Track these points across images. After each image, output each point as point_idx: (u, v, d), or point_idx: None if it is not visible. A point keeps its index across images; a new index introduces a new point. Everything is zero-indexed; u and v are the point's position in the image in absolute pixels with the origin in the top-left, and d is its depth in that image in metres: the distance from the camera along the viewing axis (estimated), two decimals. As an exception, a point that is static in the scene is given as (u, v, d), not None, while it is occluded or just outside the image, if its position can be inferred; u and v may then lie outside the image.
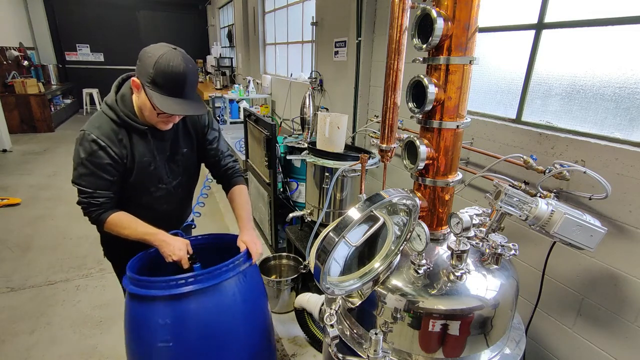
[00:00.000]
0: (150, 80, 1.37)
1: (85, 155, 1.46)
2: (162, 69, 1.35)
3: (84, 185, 1.49)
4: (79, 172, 1.49)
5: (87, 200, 1.51)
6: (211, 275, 1.46)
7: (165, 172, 1.66)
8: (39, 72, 9.95)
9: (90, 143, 1.45)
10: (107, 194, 1.53)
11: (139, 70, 1.40)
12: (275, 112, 6.70)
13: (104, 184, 1.51)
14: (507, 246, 1.25)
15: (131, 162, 1.55)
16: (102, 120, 1.50)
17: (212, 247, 1.83)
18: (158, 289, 1.41)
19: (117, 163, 1.51)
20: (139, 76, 1.41)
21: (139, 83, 1.42)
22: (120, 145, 1.51)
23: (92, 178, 1.49)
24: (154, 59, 1.35)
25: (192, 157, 1.76)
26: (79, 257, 3.54)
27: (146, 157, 1.58)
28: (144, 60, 1.38)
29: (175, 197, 1.77)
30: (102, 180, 1.50)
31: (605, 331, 1.70)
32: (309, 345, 2.54)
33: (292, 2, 5.92)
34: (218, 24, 11.99)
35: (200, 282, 1.43)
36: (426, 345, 1.23)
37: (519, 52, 2.09)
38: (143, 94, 1.42)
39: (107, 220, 1.53)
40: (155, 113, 1.45)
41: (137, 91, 1.46)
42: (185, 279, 1.42)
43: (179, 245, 1.55)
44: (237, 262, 1.55)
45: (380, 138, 1.35)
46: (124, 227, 1.55)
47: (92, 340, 2.55)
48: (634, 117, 1.62)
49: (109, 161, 1.48)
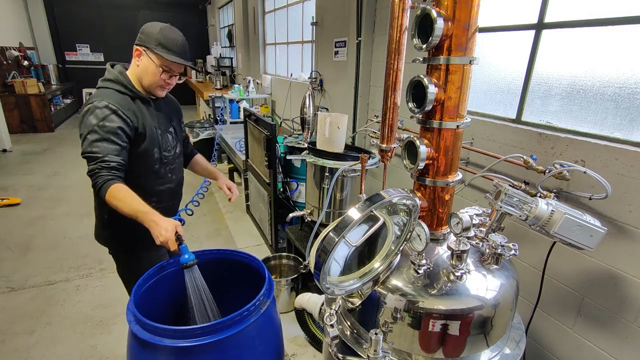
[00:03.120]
0: (157, 43, 1.58)
1: (97, 121, 1.49)
2: (166, 34, 1.60)
3: (96, 152, 1.47)
4: (89, 140, 1.48)
5: (97, 165, 1.46)
6: (232, 322, 1.27)
7: (166, 140, 1.79)
8: (39, 72, 9.94)
9: (102, 109, 1.51)
10: (118, 160, 1.51)
11: (143, 40, 1.59)
12: (275, 112, 6.70)
13: (115, 149, 1.51)
14: (507, 246, 1.25)
15: (142, 128, 1.63)
16: (107, 93, 1.57)
17: (221, 263, 1.76)
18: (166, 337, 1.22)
19: (128, 127, 1.56)
20: (143, 43, 1.59)
21: (142, 50, 1.60)
22: (129, 110, 1.59)
23: (104, 143, 1.49)
24: (157, 27, 1.60)
25: (179, 130, 1.94)
26: (79, 257, 3.54)
27: (154, 123, 1.70)
28: (149, 30, 1.60)
29: (177, 166, 1.90)
30: (114, 145, 1.51)
31: (605, 331, 1.70)
32: (309, 345, 2.54)
33: (292, 2, 5.91)
34: (218, 24, 11.98)
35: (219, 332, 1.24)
36: (426, 345, 1.23)
37: (519, 52, 2.09)
38: (145, 59, 1.61)
39: (111, 187, 1.46)
40: (159, 74, 1.62)
41: (137, 59, 1.62)
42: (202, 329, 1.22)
43: (166, 226, 1.45)
44: (258, 302, 1.37)
45: (380, 138, 1.35)
46: (120, 199, 1.47)
47: (92, 340, 2.55)
48: (634, 117, 1.62)
49: (121, 125, 1.53)
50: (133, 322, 1.28)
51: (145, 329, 1.25)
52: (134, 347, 1.30)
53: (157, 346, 1.21)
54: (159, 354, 1.24)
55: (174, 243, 1.47)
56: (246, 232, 4.15)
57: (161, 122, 1.77)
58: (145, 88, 1.68)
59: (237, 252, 1.76)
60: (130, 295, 1.40)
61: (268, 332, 1.46)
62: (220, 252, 1.76)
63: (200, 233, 4.11)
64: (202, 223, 4.36)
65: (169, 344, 1.21)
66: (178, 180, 1.93)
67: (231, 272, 1.78)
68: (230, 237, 4.05)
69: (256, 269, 1.66)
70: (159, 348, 1.22)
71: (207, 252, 1.73)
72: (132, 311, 1.31)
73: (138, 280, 1.50)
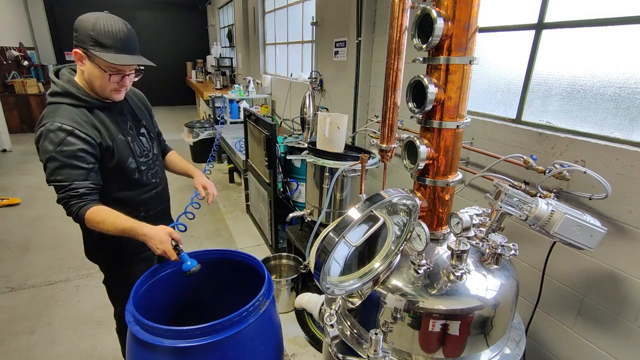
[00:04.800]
0: (93, 43, 1.34)
1: (54, 147, 1.33)
2: (101, 28, 1.34)
3: (60, 180, 1.35)
4: (50, 168, 1.35)
5: (65, 194, 1.36)
6: (232, 322, 1.27)
7: (140, 145, 1.64)
8: (39, 72, 9.93)
9: (56, 132, 1.33)
10: (86, 184, 1.38)
11: (79, 39, 1.36)
12: (275, 112, 6.70)
13: (80, 174, 1.37)
14: (507, 246, 1.25)
15: (109, 141, 1.47)
16: (58, 110, 1.39)
17: (220, 263, 1.75)
18: (166, 338, 1.21)
19: (91, 145, 1.40)
20: (80, 45, 1.36)
21: (82, 53, 1.37)
22: (89, 126, 1.41)
23: (66, 170, 1.35)
24: (90, 22, 1.34)
25: (152, 127, 1.77)
26: (78, 257, 3.54)
27: (119, 131, 1.53)
28: (82, 27, 1.35)
29: (159, 169, 1.78)
30: (78, 170, 1.37)
31: (605, 331, 1.70)
32: (309, 345, 2.54)
33: (292, 2, 5.91)
34: (218, 24, 11.98)
35: (219, 333, 1.24)
36: (426, 345, 1.23)
37: (519, 52, 2.08)
38: (88, 64, 1.38)
39: (87, 213, 1.36)
40: (107, 78, 1.40)
41: (80, 63, 1.40)
42: (201, 330, 1.22)
43: (160, 237, 1.40)
44: (258, 303, 1.37)
45: (380, 138, 1.35)
46: (102, 222, 1.38)
47: (92, 340, 2.55)
48: (634, 117, 1.62)
49: (81, 146, 1.37)
50: (132, 323, 1.28)
51: (144, 329, 1.25)
52: (134, 347, 1.30)
53: (156, 347, 1.21)
54: (159, 354, 1.24)
55: (173, 253, 1.42)
56: (246, 232, 4.15)
57: (129, 127, 1.60)
58: (101, 95, 1.47)
59: (236, 252, 1.76)
60: (129, 297, 1.40)
61: (268, 333, 1.46)
62: (220, 252, 1.76)
63: (200, 233, 4.11)
64: (202, 223, 4.36)
65: (169, 344, 1.21)
66: (163, 183, 1.82)
67: (231, 273, 1.78)
68: (230, 237, 4.05)
69: (256, 269, 1.66)
70: (158, 348, 1.22)
71: (207, 252, 1.73)
72: (131, 312, 1.31)
73: (137, 281, 1.50)
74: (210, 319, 1.27)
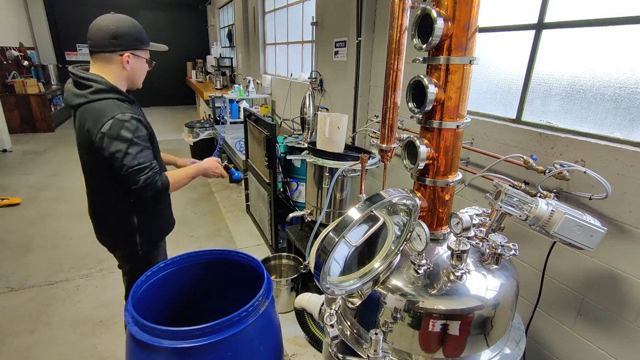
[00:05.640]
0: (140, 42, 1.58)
1: (132, 135, 1.49)
2: (137, 28, 1.57)
3: (143, 162, 1.51)
4: (132, 153, 1.49)
5: (150, 172, 1.52)
6: (231, 323, 1.27)
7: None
8: (39, 72, 9.94)
9: (130, 121, 1.50)
10: (156, 162, 1.59)
11: (124, 44, 1.53)
12: (275, 112, 6.70)
13: (152, 155, 1.59)
14: (507, 246, 1.25)
15: (151, 127, 1.68)
16: (116, 104, 1.53)
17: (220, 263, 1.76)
18: (165, 338, 1.21)
19: (149, 131, 1.61)
20: (127, 48, 1.55)
21: (129, 54, 1.56)
22: (142, 116, 1.62)
23: (146, 152, 1.54)
24: (126, 24, 1.54)
25: None
26: (79, 257, 3.54)
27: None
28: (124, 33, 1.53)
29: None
30: (151, 151, 1.59)
31: (605, 331, 1.70)
32: (309, 345, 2.54)
33: (292, 2, 5.91)
34: (218, 24, 11.97)
35: (218, 333, 1.24)
36: (426, 345, 1.23)
37: (519, 52, 2.08)
38: (134, 62, 1.59)
39: (164, 182, 1.59)
40: (147, 67, 1.67)
41: (126, 64, 1.57)
42: (200, 330, 1.22)
43: (212, 167, 1.85)
44: (257, 303, 1.37)
45: (380, 138, 1.35)
46: (178, 180, 1.67)
47: (92, 340, 2.54)
48: (634, 117, 1.62)
49: (147, 131, 1.59)
50: (131, 324, 1.28)
51: (143, 330, 1.25)
52: (133, 348, 1.29)
53: (155, 347, 1.21)
54: (158, 355, 1.24)
55: (224, 172, 1.93)
56: (246, 232, 4.15)
57: None
58: (135, 87, 1.70)
59: (236, 252, 1.76)
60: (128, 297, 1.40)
61: (267, 333, 1.46)
62: (219, 252, 1.76)
63: (200, 233, 4.11)
64: (202, 223, 4.36)
65: (167, 345, 1.21)
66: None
67: (230, 273, 1.78)
68: (230, 237, 4.05)
69: (255, 269, 1.66)
70: (157, 349, 1.22)
71: (206, 252, 1.74)
72: (130, 312, 1.31)
73: (136, 282, 1.50)
74: (209, 319, 1.27)
